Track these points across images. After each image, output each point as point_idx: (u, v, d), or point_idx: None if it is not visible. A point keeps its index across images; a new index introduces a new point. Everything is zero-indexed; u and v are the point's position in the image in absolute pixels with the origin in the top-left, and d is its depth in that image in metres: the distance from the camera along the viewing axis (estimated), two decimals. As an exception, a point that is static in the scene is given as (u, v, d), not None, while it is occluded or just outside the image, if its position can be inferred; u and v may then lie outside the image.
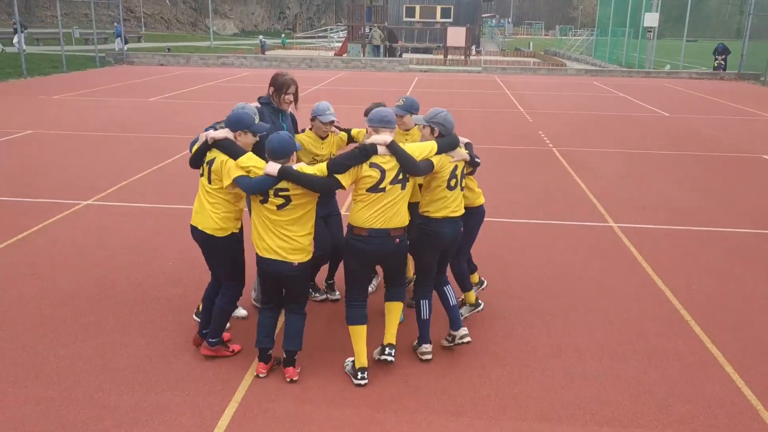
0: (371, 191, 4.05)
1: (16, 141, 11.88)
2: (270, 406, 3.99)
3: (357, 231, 4.12)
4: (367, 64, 30.73)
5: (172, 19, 67.25)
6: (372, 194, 4.05)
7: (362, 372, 4.21)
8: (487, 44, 51.75)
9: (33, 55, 26.78)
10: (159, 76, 24.82)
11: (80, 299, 5.43)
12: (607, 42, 39.68)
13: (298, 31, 75.15)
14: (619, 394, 4.23)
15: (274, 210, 4.02)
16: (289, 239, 4.03)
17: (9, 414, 3.86)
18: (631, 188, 9.49)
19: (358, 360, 4.24)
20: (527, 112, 17.16)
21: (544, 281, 6.04)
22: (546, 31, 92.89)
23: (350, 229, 4.18)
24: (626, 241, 7.19)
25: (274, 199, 3.99)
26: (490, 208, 5.33)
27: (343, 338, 4.53)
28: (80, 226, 7.29)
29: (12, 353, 4.55)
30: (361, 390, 4.17)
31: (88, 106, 16.47)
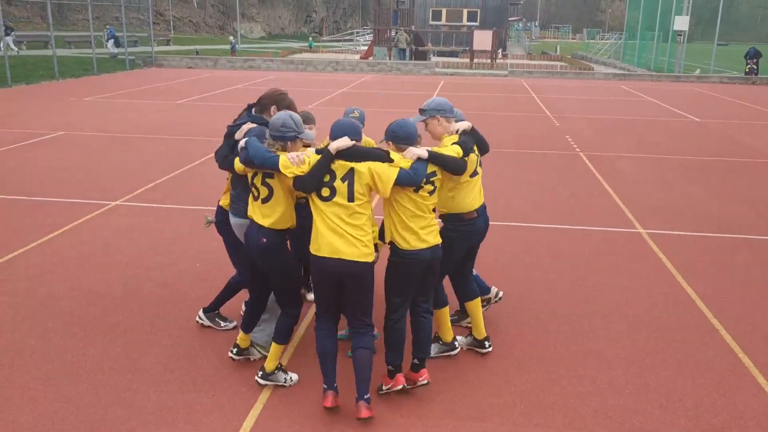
0: (472, 176, 4.35)
1: (47, 142, 12.09)
2: (294, 408, 4.00)
3: (468, 216, 4.37)
4: (393, 68, 30.76)
5: (201, 23, 68.04)
6: (471, 179, 4.35)
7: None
8: (514, 48, 51.50)
9: (65, 58, 27.26)
10: (187, 79, 25.11)
11: (109, 298, 5.50)
12: (636, 46, 39.24)
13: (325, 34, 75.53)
14: (648, 403, 4.16)
15: (426, 196, 3.87)
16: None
17: (39, 411, 3.92)
18: (660, 194, 9.35)
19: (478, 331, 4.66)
20: (554, 116, 17.02)
21: (570, 287, 5.98)
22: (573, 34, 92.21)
23: (457, 218, 4.34)
24: (655, 247, 7.09)
25: (426, 185, 3.85)
26: (515, 212, 5.27)
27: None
28: (109, 226, 7.40)
29: (42, 351, 4.62)
30: (383, 396, 4.16)
31: (117, 108, 16.73)
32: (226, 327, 4.96)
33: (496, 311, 5.39)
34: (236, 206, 4.37)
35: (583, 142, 13.36)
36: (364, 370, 3.83)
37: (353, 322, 3.93)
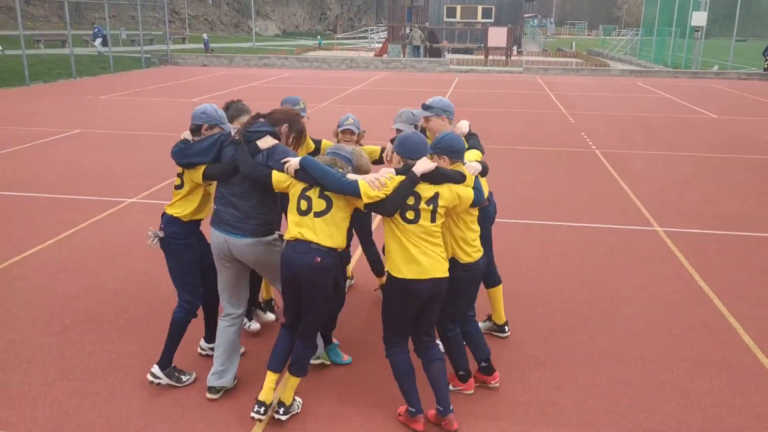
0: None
1: (64, 140, 12.21)
2: (309, 405, 4.00)
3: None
4: (407, 65, 30.71)
5: (216, 21, 68.32)
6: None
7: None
8: (529, 44, 51.21)
9: (81, 57, 27.49)
10: (202, 77, 25.24)
11: (125, 295, 5.54)
12: (653, 42, 38.87)
13: (339, 31, 75.56)
14: (665, 402, 4.12)
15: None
16: None
17: (57, 407, 3.96)
18: (677, 192, 9.27)
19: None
20: (569, 113, 16.91)
21: (585, 286, 5.94)
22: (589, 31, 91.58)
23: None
24: (672, 245, 7.02)
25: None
26: (529, 211, 5.25)
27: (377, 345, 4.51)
28: (125, 223, 7.45)
29: (60, 347, 4.67)
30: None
31: (133, 106, 16.85)
32: (188, 381, 4.24)
33: (511, 310, 5.36)
34: (249, 222, 3.85)
35: (599, 139, 13.26)
36: (443, 380, 3.80)
37: (422, 338, 3.81)
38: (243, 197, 3.86)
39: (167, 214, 4.13)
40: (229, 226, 3.87)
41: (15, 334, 4.84)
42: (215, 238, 3.94)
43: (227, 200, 3.91)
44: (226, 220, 3.89)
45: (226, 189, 3.92)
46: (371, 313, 5.26)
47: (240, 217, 3.85)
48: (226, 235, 3.88)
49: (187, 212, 4.10)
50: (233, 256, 3.93)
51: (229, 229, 3.87)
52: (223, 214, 3.91)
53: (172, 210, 4.12)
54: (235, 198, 3.87)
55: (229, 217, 3.88)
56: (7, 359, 4.49)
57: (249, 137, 3.86)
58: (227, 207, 3.90)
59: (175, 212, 4.11)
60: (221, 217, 3.92)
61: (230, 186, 3.90)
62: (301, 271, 3.62)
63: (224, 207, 3.91)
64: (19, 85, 20.49)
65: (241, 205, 3.86)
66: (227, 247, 3.90)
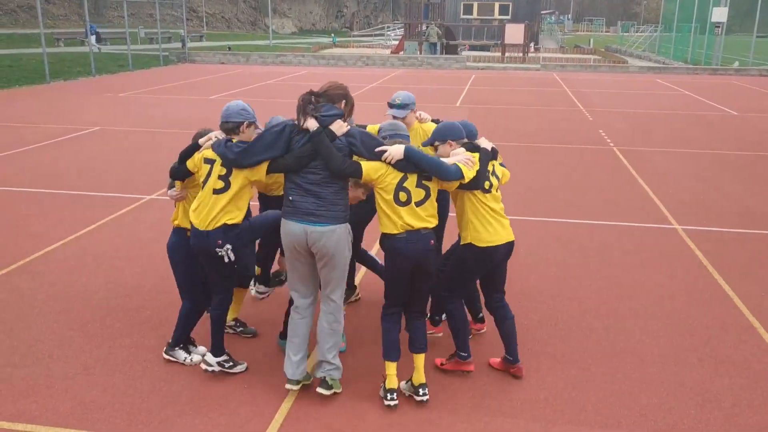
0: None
1: (84, 137, 12.34)
2: (326, 401, 4.02)
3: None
4: (424, 62, 30.66)
5: (233, 18, 68.65)
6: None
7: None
8: (546, 41, 50.92)
9: (101, 54, 27.79)
10: (220, 75, 25.37)
11: (144, 291, 5.60)
12: (672, 38, 38.47)
13: (356, 29, 75.60)
14: (684, 402, 4.09)
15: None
16: None
17: (78, 400, 4.02)
18: (697, 189, 9.17)
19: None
20: (587, 111, 16.80)
21: (603, 284, 5.90)
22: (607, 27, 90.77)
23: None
24: (692, 244, 6.96)
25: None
26: (547, 208, 5.23)
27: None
28: (144, 219, 7.52)
29: (80, 341, 4.73)
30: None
31: (152, 104, 16.98)
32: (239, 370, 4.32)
33: (528, 308, 5.35)
34: (332, 209, 3.78)
35: (617, 136, 13.16)
36: (514, 334, 4.31)
37: (494, 296, 4.30)
38: (323, 184, 3.76)
39: (224, 225, 3.85)
40: (310, 216, 3.74)
41: (37, 329, 4.91)
42: (291, 230, 3.78)
43: (305, 189, 3.76)
44: (306, 209, 3.74)
45: (301, 178, 3.77)
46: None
47: (322, 205, 3.75)
48: (307, 225, 3.74)
49: (242, 216, 3.92)
50: (309, 248, 3.81)
51: (310, 218, 3.74)
52: (301, 203, 3.75)
53: (225, 218, 3.86)
54: (313, 186, 3.75)
55: (310, 206, 3.74)
56: (29, 353, 4.55)
57: (324, 122, 3.77)
58: (306, 196, 3.75)
59: (231, 219, 3.88)
60: (299, 207, 3.76)
61: (305, 174, 3.76)
62: (422, 257, 3.85)
63: (302, 197, 3.76)
64: (40, 83, 20.73)
65: (322, 193, 3.76)
66: (305, 238, 3.76)
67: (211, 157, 3.91)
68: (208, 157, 3.93)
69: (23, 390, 4.11)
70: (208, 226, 3.87)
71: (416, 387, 4.00)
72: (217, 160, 3.87)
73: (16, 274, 5.91)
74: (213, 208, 3.87)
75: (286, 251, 3.91)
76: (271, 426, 3.79)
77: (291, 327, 4.02)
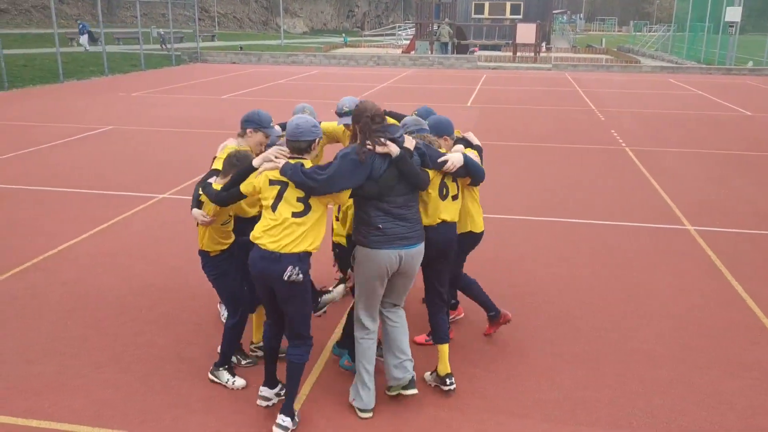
0: None
1: (97, 136, 12.43)
2: (337, 399, 4.03)
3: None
4: (435, 62, 30.63)
5: (245, 18, 68.87)
6: None
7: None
8: (558, 41, 50.70)
9: (114, 54, 27.96)
10: (231, 74, 25.47)
11: (156, 289, 5.63)
12: (685, 38, 38.20)
13: (367, 29, 75.62)
14: (696, 404, 4.07)
15: None
16: None
17: (91, 397, 4.05)
18: (709, 190, 9.11)
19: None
20: (599, 111, 16.72)
21: (614, 284, 5.88)
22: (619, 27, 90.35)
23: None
24: (704, 245, 6.92)
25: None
26: (559, 209, 5.22)
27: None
28: (157, 218, 7.57)
29: (94, 339, 4.77)
30: (427, 389, 4.16)
31: (164, 103, 17.08)
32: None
33: (539, 308, 5.34)
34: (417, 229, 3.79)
35: (629, 136, 13.10)
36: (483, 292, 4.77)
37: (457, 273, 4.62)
38: (407, 206, 3.74)
39: (301, 252, 3.54)
40: (403, 240, 3.69)
41: (51, 326, 4.95)
42: (384, 259, 3.67)
43: (393, 215, 3.67)
44: (398, 234, 3.67)
45: (387, 204, 3.66)
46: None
47: (411, 227, 3.74)
48: (401, 250, 3.69)
49: (319, 242, 3.63)
50: (397, 271, 3.77)
51: (403, 243, 3.69)
52: (393, 230, 3.66)
53: (304, 244, 3.55)
54: (401, 210, 3.70)
55: (401, 230, 3.69)
56: (44, 350, 4.60)
57: (400, 143, 3.70)
58: (395, 221, 3.67)
59: (310, 246, 3.58)
60: (391, 234, 3.66)
61: (391, 199, 3.67)
62: (448, 246, 4.07)
63: (391, 222, 3.67)
64: (54, 83, 20.90)
65: (408, 214, 3.73)
66: (398, 263, 3.72)
67: (277, 178, 3.56)
68: (274, 179, 3.56)
69: (37, 387, 4.15)
70: (283, 249, 3.52)
71: (443, 377, 4.10)
72: (290, 183, 3.54)
73: (29, 273, 5.97)
74: (292, 231, 3.53)
75: (371, 281, 3.76)
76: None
77: (366, 353, 3.89)
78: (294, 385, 3.76)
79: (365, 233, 3.69)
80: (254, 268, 3.61)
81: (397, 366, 3.92)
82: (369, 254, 3.69)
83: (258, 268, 3.59)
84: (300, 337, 3.71)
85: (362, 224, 3.72)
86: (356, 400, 3.90)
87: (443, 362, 4.10)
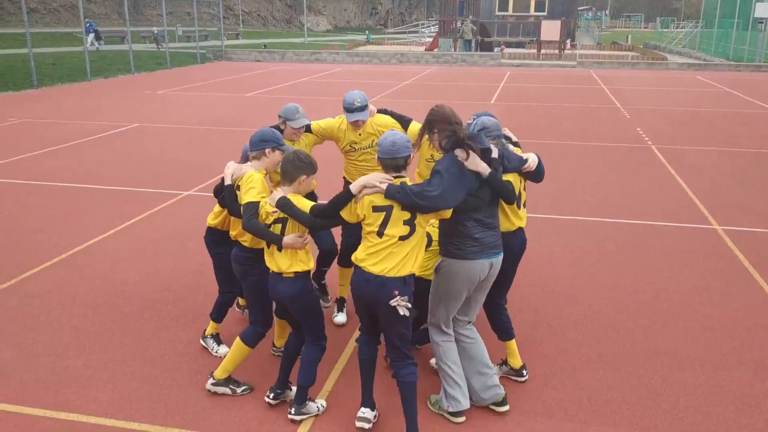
0: None
1: (124, 134, 12.59)
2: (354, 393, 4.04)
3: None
4: (459, 59, 30.52)
5: (268, 16, 69.23)
6: None
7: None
8: (583, 38, 50.18)
9: (140, 53, 28.28)
10: (255, 72, 25.63)
11: (181, 285, 5.70)
12: (713, 34, 37.59)
13: (390, 26, 75.55)
14: (722, 406, 4.01)
15: None
16: None
17: (117, 391, 4.11)
18: (738, 189, 8.96)
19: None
20: (625, 108, 16.53)
21: (640, 284, 5.81)
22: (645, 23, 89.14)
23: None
24: (732, 245, 6.81)
25: None
26: (583, 207, 5.16)
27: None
28: (181, 215, 7.65)
29: (120, 334, 4.84)
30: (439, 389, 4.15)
31: (189, 101, 17.24)
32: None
33: (563, 307, 5.30)
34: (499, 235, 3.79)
35: (655, 134, 12.93)
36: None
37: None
38: (494, 215, 3.76)
39: (406, 276, 3.48)
40: (494, 249, 3.71)
41: (78, 320, 5.04)
42: (478, 268, 3.67)
43: (485, 224, 3.67)
44: (491, 243, 3.68)
45: (482, 214, 3.66)
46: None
47: (497, 235, 3.75)
48: (492, 258, 3.71)
49: (420, 262, 3.60)
50: (484, 279, 3.77)
51: (494, 251, 3.72)
52: (487, 239, 3.66)
53: (409, 265, 3.49)
54: (491, 219, 3.71)
55: (492, 239, 3.69)
56: (71, 344, 4.68)
57: (489, 154, 3.67)
58: (487, 230, 3.67)
59: (413, 268, 3.52)
60: (486, 243, 3.65)
61: (485, 210, 3.67)
62: (523, 251, 4.14)
63: (484, 232, 3.66)
64: (81, 81, 21.21)
65: (494, 223, 3.75)
66: (488, 271, 3.74)
67: (381, 203, 3.46)
68: (378, 205, 3.47)
69: (65, 380, 4.22)
70: (388, 273, 3.44)
71: (518, 369, 4.24)
72: (395, 206, 3.45)
73: (57, 268, 6.07)
74: (398, 253, 3.47)
75: (460, 291, 3.73)
76: (304, 420, 3.82)
77: (449, 354, 3.85)
78: (413, 408, 3.62)
79: (460, 246, 3.63)
80: (358, 290, 3.55)
81: (488, 383, 3.89)
82: (464, 265, 3.65)
83: (362, 291, 3.52)
84: (406, 357, 3.62)
85: (457, 237, 3.64)
86: (449, 406, 3.82)
87: (515, 356, 4.23)
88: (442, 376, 3.88)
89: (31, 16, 45.68)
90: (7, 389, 4.11)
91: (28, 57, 19.44)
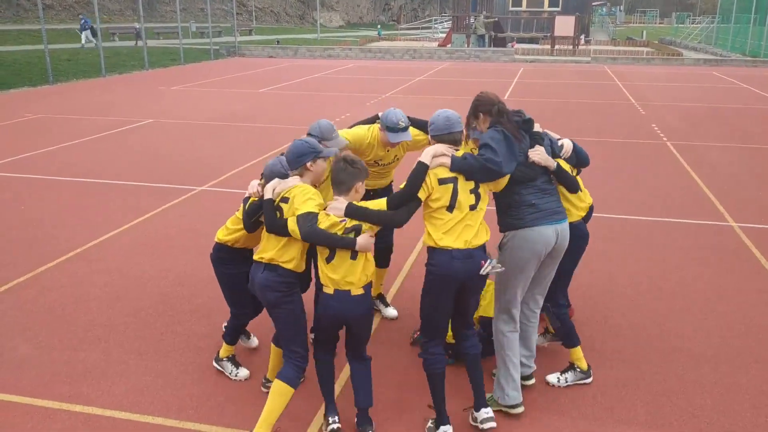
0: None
1: (138, 129, 12.67)
2: (372, 392, 4.04)
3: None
4: (472, 55, 30.41)
5: (281, 12, 69.31)
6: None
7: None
8: (597, 33, 49.83)
9: (154, 49, 28.41)
10: (269, 68, 25.67)
11: (195, 280, 5.72)
12: (730, 30, 37.18)
13: (403, 22, 75.39)
14: (739, 404, 3.97)
15: None
16: None
17: (132, 383, 4.14)
18: (754, 186, 8.87)
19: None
20: (639, 104, 16.40)
21: (655, 281, 5.77)
22: (661, 18, 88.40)
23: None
24: (748, 242, 6.74)
25: None
26: (598, 203, 5.12)
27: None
28: (195, 210, 7.69)
29: (134, 327, 4.87)
30: (464, 385, 4.14)
31: (203, 97, 17.30)
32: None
33: (578, 304, 5.27)
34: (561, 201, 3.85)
35: (670, 130, 12.82)
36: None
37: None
38: (550, 182, 3.77)
39: (484, 244, 3.49)
40: (557, 214, 3.68)
41: (94, 315, 5.08)
42: (543, 235, 3.61)
43: (543, 190, 3.67)
44: (551, 209, 3.66)
45: (537, 181, 3.68)
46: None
47: (558, 201, 3.75)
48: (557, 225, 3.66)
49: (489, 232, 3.58)
50: (553, 249, 3.70)
51: (558, 216, 3.68)
52: (546, 204, 3.64)
53: (483, 233, 3.50)
54: (547, 185, 3.72)
55: (552, 205, 3.67)
56: (87, 338, 4.71)
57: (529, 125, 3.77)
58: (546, 196, 3.67)
59: (486, 236, 3.53)
60: (545, 208, 3.64)
61: (540, 177, 3.70)
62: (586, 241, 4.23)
63: (544, 199, 3.65)
64: (96, 77, 21.35)
65: (553, 189, 3.76)
66: (554, 239, 3.66)
67: (447, 175, 3.45)
68: (443, 177, 3.45)
69: (80, 373, 4.26)
70: (470, 245, 3.44)
71: (587, 371, 4.19)
72: (460, 176, 3.46)
73: (73, 262, 6.12)
74: (473, 223, 3.47)
75: (527, 264, 3.64)
76: (318, 414, 3.83)
77: (513, 346, 3.81)
78: (479, 378, 3.71)
79: (519, 215, 3.61)
80: (446, 268, 3.41)
81: (526, 358, 4.02)
82: (526, 234, 3.59)
83: (452, 268, 3.41)
84: (470, 326, 3.75)
85: (513, 207, 3.63)
86: (504, 399, 3.79)
87: (582, 360, 4.19)
88: (500, 368, 3.84)
89: (47, 13, 46.00)
90: (24, 382, 4.15)
91: (44, 53, 19.61)
